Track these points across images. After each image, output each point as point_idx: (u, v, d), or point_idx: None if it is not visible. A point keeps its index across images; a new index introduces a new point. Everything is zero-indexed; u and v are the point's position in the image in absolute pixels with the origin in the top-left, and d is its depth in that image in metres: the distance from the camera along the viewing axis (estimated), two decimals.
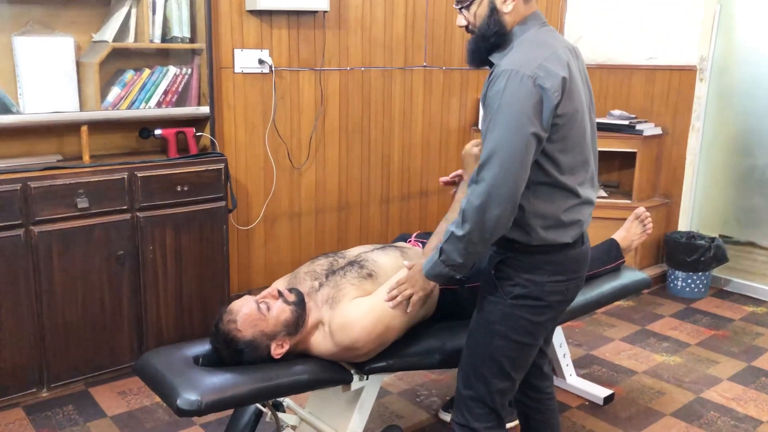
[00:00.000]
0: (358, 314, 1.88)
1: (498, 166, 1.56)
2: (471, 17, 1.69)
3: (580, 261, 1.78)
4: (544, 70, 1.57)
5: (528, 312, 1.73)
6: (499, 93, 1.56)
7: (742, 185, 4.00)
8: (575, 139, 1.67)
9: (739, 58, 3.92)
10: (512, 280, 1.72)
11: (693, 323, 3.57)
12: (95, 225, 2.64)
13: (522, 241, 1.69)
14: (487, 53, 1.70)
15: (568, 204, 1.70)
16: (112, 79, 2.85)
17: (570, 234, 1.72)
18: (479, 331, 1.79)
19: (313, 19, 3.43)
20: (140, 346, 2.83)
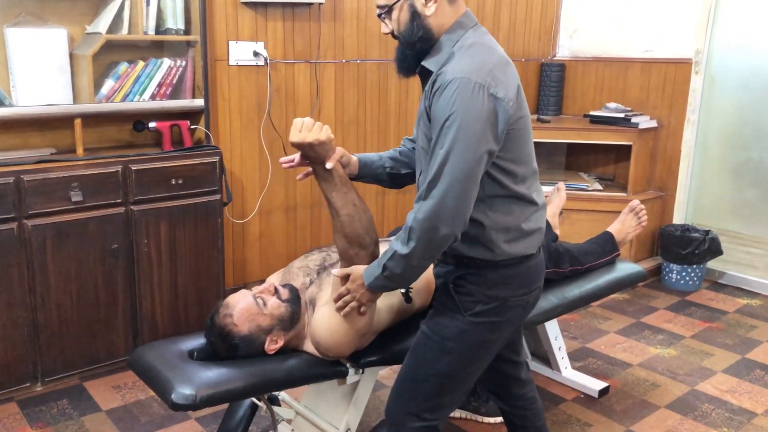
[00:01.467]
0: (322, 325, 1.82)
1: (447, 184, 1.47)
2: (394, 24, 1.59)
3: (539, 271, 1.72)
4: (495, 79, 1.49)
5: (486, 329, 1.65)
6: (449, 104, 1.46)
7: (737, 178, 4.00)
8: (527, 149, 1.62)
9: (734, 51, 3.92)
10: (473, 296, 1.63)
11: (687, 316, 3.58)
12: (89, 218, 2.62)
13: (485, 258, 1.61)
14: (415, 60, 1.59)
15: (527, 213, 1.64)
16: (106, 71, 2.83)
17: (534, 244, 1.67)
18: (428, 344, 1.68)
19: (308, 11, 3.41)
20: (135, 340, 2.82)
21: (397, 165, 1.92)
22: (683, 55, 4.05)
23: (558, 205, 2.89)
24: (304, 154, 1.73)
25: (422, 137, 1.62)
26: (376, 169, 1.90)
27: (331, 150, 1.72)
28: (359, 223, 1.75)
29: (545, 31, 4.57)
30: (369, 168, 1.89)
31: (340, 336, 1.82)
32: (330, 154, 1.72)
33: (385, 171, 1.91)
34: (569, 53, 4.59)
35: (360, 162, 1.88)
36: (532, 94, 4.60)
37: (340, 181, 1.75)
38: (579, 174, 4.46)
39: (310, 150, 1.69)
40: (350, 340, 1.84)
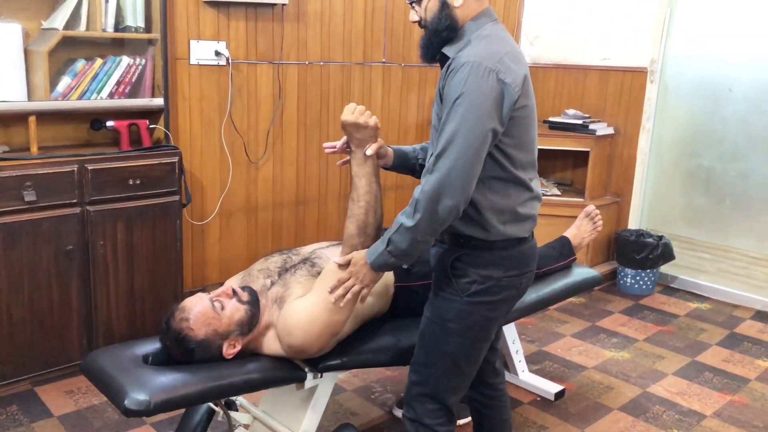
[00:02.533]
0: (299, 316, 1.84)
1: (454, 158, 1.57)
2: (422, 12, 1.70)
3: (532, 255, 1.82)
4: (505, 66, 1.60)
5: (484, 308, 1.75)
6: (460, 84, 1.57)
7: (689, 185, 4.12)
8: (529, 136, 1.72)
9: (687, 61, 4.04)
10: (468, 276, 1.73)
11: (641, 319, 3.67)
12: (43, 219, 2.56)
13: (480, 237, 1.71)
14: (439, 48, 1.71)
15: (523, 198, 1.74)
16: (63, 68, 2.77)
17: (526, 228, 1.77)
18: (433, 329, 1.80)
19: (271, 12, 3.39)
20: (89, 344, 2.77)
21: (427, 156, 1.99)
22: (639, 63, 4.15)
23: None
24: (350, 137, 1.86)
25: (435, 117, 1.73)
26: (409, 160, 2.01)
27: (374, 139, 1.86)
28: (372, 214, 1.86)
29: None
30: (403, 159, 2.00)
31: (316, 329, 1.83)
32: (372, 142, 1.85)
33: (418, 162, 2.01)
34: (530, 59, 4.66)
35: (395, 153, 1.99)
36: None
37: (372, 170, 1.87)
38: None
39: (356, 132, 1.83)
40: (323, 336, 1.85)
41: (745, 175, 3.89)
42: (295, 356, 1.92)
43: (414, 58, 4.08)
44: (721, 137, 3.95)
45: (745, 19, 3.79)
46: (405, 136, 4.17)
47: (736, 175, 3.92)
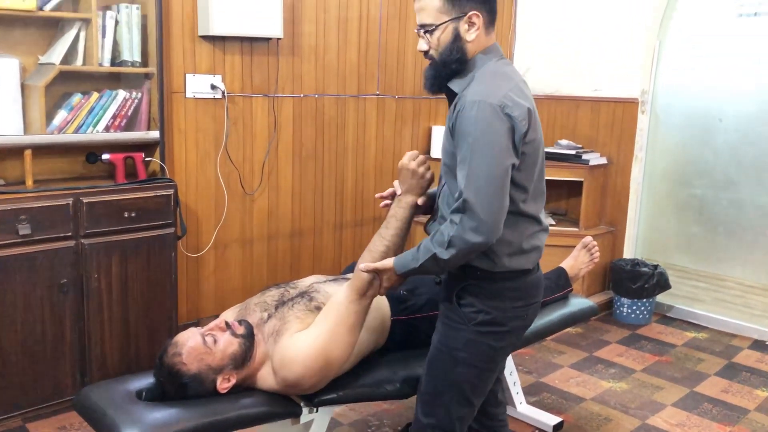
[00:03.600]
0: (298, 350, 1.84)
1: (482, 198, 1.59)
2: (434, 42, 1.71)
3: (538, 286, 1.84)
4: (510, 100, 1.63)
5: (491, 338, 1.76)
6: (472, 122, 1.60)
7: (682, 214, 4.14)
8: (537, 168, 1.74)
9: (677, 91, 4.09)
10: (475, 306, 1.75)
11: (638, 349, 3.66)
12: (37, 252, 2.55)
13: (486, 269, 1.73)
14: (446, 79, 1.73)
15: (530, 231, 1.76)
16: (59, 102, 2.79)
17: (531, 260, 1.78)
18: (441, 358, 1.80)
19: (266, 46, 3.43)
20: (83, 379, 2.73)
21: None
22: (630, 94, 4.20)
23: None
24: (402, 180, 1.90)
25: (444, 152, 1.76)
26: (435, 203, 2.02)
27: (424, 190, 1.91)
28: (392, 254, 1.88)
29: None
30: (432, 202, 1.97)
31: (317, 364, 1.83)
32: (421, 192, 1.90)
33: None
34: None
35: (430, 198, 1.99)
36: None
37: (409, 217, 1.91)
38: None
39: (411, 178, 1.88)
40: (322, 371, 1.85)
41: (737, 204, 3.91)
42: (288, 391, 1.89)
43: (408, 90, 4.12)
44: (712, 167, 3.99)
45: (732, 51, 3.85)
46: None
47: (729, 204, 3.94)
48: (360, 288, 1.87)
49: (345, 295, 1.89)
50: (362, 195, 4.02)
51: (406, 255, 1.77)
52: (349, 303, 1.87)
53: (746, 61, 3.80)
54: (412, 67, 4.11)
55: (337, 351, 1.86)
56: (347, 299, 1.88)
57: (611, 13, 4.24)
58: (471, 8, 1.68)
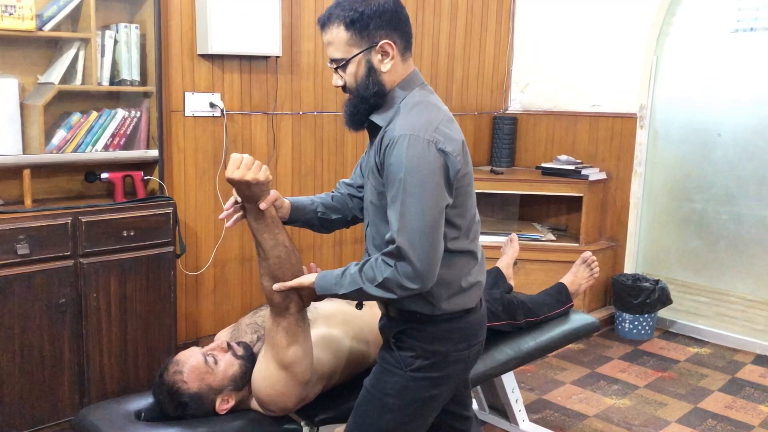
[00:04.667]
0: (258, 379, 1.79)
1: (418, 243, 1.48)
2: (349, 78, 1.59)
3: (481, 325, 1.73)
4: (443, 134, 1.52)
5: (427, 384, 1.65)
6: (401, 160, 1.48)
7: (682, 229, 4.14)
8: (470, 201, 1.64)
9: (675, 106, 4.10)
10: (414, 351, 1.63)
11: (641, 365, 3.63)
12: (36, 272, 2.54)
13: (425, 312, 1.62)
14: (366, 114, 1.62)
15: (468, 267, 1.65)
16: (58, 121, 2.79)
17: (473, 298, 1.68)
18: (370, 402, 1.68)
19: (265, 64, 3.45)
20: (81, 399, 2.70)
21: (328, 211, 1.86)
22: (628, 109, 4.22)
23: (512, 256, 2.93)
24: (239, 193, 1.66)
25: (371, 191, 1.63)
26: (307, 214, 1.84)
27: (267, 191, 1.67)
28: (288, 266, 1.71)
29: (497, 85, 4.71)
30: (301, 212, 1.82)
31: (280, 386, 1.76)
32: (265, 195, 1.66)
33: (317, 216, 1.86)
34: (521, 107, 4.73)
35: (292, 206, 1.80)
36: (485, 146, 4.71)
37: (272, 222, 1.69)
38: (532, 224, 4.54)
39: (246, 188, 1.62)
40: (291, 390, 1.78)
41: (737, 219, 3.90)
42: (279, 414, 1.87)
43: None
44: (711, 181, 3.99)
45: (730, 65, 3.87)
46: None
47: (729, 219, 3.94)
48: (278, 312, 1.73)
49: (269, 321, 1.76)
50: None
51: (329, 277, 1.62)
52: (276, 327, 1.74)
53: (744, 76, 3.82)
54: None
55: (293, 368, 1.76)
56: (273, 324, 1.75)
57: (609, 28, 4.27)
58: (381, 37, 1.55)
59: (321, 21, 1.59)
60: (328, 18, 1.57)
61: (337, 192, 1.91)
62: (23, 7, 2.52)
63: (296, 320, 1.75)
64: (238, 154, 1.62)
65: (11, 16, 2.50)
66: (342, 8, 1.55)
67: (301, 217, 1.82)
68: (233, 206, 1.72)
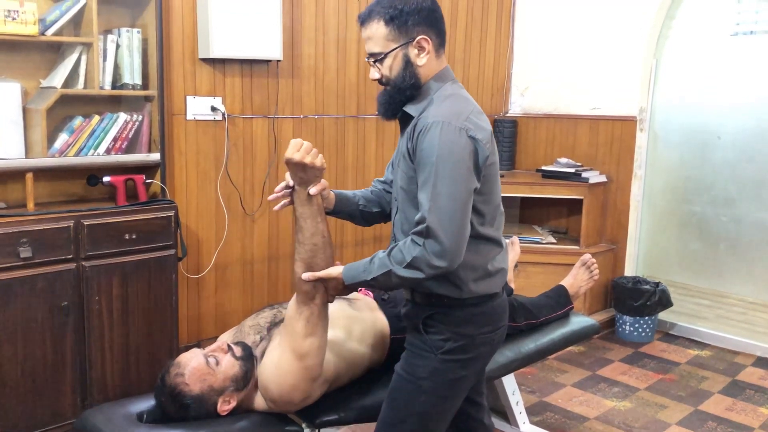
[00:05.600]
0: (270, 370, 1.83)
1: (447, 223, 1.56)
2: (385, 70, 1.69)
3: (504, 310, 1.81)
4: (473, 123, 1.62)
5: (457, 366, 1.72)
6: (434, 145, 1.57)
7: (682, 231, 4.14)
8: (495, 189, 1.72)
9: (675, 109, 4.11)
10: (443, 334, 1.71)
11: (641, 367, 3.64)
12: (38, 275, 2.55)
13: (452, 296, 1.69)
14: (401, 105, 1.70)
15: (493, 253, 1.73)
16: (60, 125, 2.80)
17: (497, 283, 1.75)
18: (404, 387, 1.76)
19: (266, 68, 3.46)
20: (83, 402, 2.71)
21: (369, 204, 1.96)
22: (628, 112, 4.23)
23: (512, 259, 2.94)
24: (293, 175, 1.74)
25: (402, 177, 1.71)
26: (350, 206, 1.93)
27: (319, 178, 1.75)
28: (321, 256, 1.77)
29: (497, 88, 4.73)
30: (345, 204, 1.92)
31: (289, 380, 1.80)
32: (317, 182, 1.75)
33: (359, 208, 1.95)
34: (521, 110, 4.75)
35: (337, 197, 1.90)
36: None
37: (317, 210, 1.77)
38: (533, 227, 4.55)
39: (301, 171, 1.72)
40: (300, 383, 1.81)
41: (737, 221, 3.91)
42: (282, 410, 1.88)
43: None
44: (711, 184, 4.00)
45: (730, 68, 3.88)
46: None
47: (729, 221, 3.94)
48: (303, 299, 1.79)
49: (292, 310, 1.82)
50: None
51: (357, 266, 1.70)
52: (298, 314, 1.80)
53: (744, 79, 3.83)
54: None
55: (306, 361, 1.81)
56: (296, 313, 1.81)
57: (609, 31, 4.28)
58: (419, 33, 1.66)
59: (361, 17, 1.69)
60: (368, 14, 1.67)
61: (374, 188, 2.01)
62: (26, 12, 2.54)
63: (319, 312, 1.80)
64: (299, 138, 1.72)
65: (14, 20, 2.52)
66: (382, 5, 1.65)
67: (344, 209, 1.92)
68: (283, 190, 1.80)
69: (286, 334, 1.83)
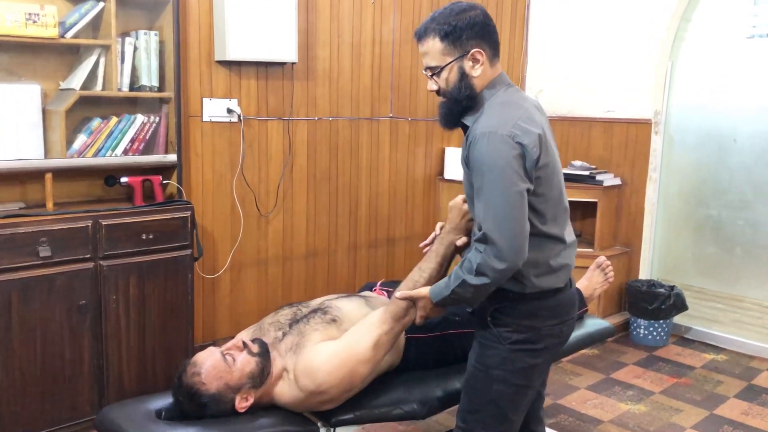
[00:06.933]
0: (323, 358, 1.88)
1: (502, 226, 1.63)
2: (442, 83, 1.77)
3: (571, 303, 1.87)
4: (520, 129, 1.67)
5: (527, 355, 1.80)
6: (483, 155, 1.65)
7: (698, 235, 4.12)
8: (555, 188, 1.77)
9: (690, 112, 4.09)
10: (509, 327, 1.79)
11: (656, 371, 3.62)
12: (57, 274, 2.58)
13: (516, 291, 1.76)
14: (460, 115, 1.79)
15: (556, 250, 1.79)
16: (79, 126, 2.84)
17: (561, 278, 1.81)
18: (477, 376, 1.84)
19: (281, 70, 3.49)
20: (101, 400, 2.74)
21: None
22: (643, 115, 4.21)
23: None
24: (451, 219, 1.94)
25: (466, 184, 1.80)
26: None
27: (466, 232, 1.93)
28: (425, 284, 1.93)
29: None
30: None
31: (340, 373, 1.86)
32: (464, 234, 1.93)
33: None
34: None
35: None
36: None
37: (449, 255, 1.95)
38: None
39: (459, 218, 1.91)
40: (343, 382, 1.87)
41: (753, 225, 3.88)
42: (308, 403, 1.89)
43: (420, 113, 4.16)
44: (727, 187, 3.97)
45: (746, 71, 3.86)
46: (413, 189, 4.22)
47: (745, 224, 3.92)
48: (396, 313, 1.92)
49: (380, 317, 1.94)
50: (376, 216, 4.04)
51: (439, 283, 1.82)
52: (382, 323, 1.92)
53: (759, 82, 3.81)
54: (424, 90, 4.15)
55: (361, 366, 1.90)
56: (381, 320, 1.93)
57: (623, 34, 4.27)
58: (473, 46, 1.73)
59: (418, 34, 1.78)
60: (424, 31, 1.76)
61: None
62: (46, 15, 2.58)
63: (397, 333, 1.95)
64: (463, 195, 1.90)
65: (35, 23, 2.56)
66: (437, 22, 1.74)
67: None
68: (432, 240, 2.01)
69: (355, 333, 1.93)
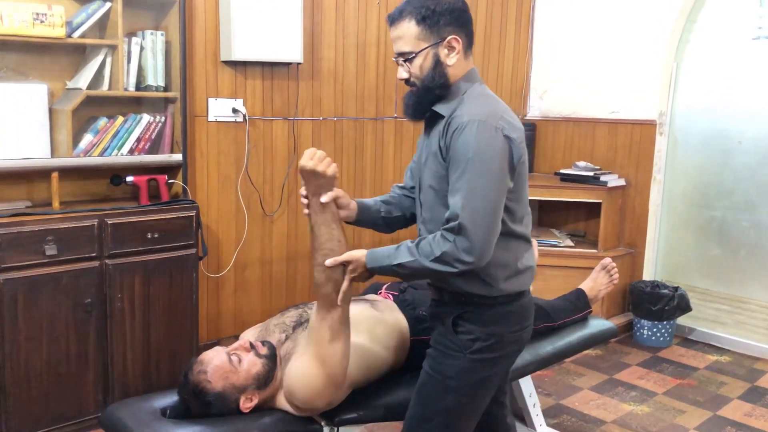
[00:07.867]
0: (297, 376, 1.84)
1: (479, 220, 1.57)
2: (415, 70, 1.69)
3: (531, 308, 1.82)
4: (506, 123, 1.63)
5: (486, 365, 1.74)
6: (470, 143, 1.58)
7: (702, 236, 4.12)
8: (525, 188, 1.74)
9: (695, 113, 4.09)
10: (473, 334, 1.71)
11: (659, 372, 3.62)
12: (63, 272, 2.60)
13: (483, 294, 1.70)
14: (429, 105, 1.71)
15: (521, 250, 1.74)
16: (85, 126, 2.86)
17: (526, 281, 1.77)
18: (432, 384, 1.76)
19: (287, 71, 3.50)
20: (106, 398, 2.76)
21: (390, 210, 1.97)
22: (648, 116, 4.21)
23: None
24: (306, 184, 1.77)
25: (432, 176, 1.70)
26: (372, 214, 1.94)
27: (331, 187, 1.78)
28: None
29: (516, 91, 4.73)
30: (366, 212, 1.93)
31: (317, 386, 1.81)
32: (328, 190, 1.77)
33: (380, 215, 1.95)
34: (539, 113, 4.74)
35: (359, 206, 1.91)
36: None
37: (331, 218, 1.78)
38: (551, 230, 4.54)
39: (314, 179, 1.75)
40: (325, 390, 1.83)
41: (758, 226, 3.88)
42: (306, 414, 1.90)
43: None
44: (731, 188, 3.97)
45: (751, 72, 3.85)
46: None
47: (750, 226, 3.91)
48: (324, 305, 1.80)
49: (315, 317, 1.84)
50: None
51: (381, 251, 1.71)
52: (321, 321, 1.81)
53: (765, 83, 3.80)
54: None
55: (335, 368, 1.82)
56: (318, 319, 1.82)
57: (629, 35, 4.27)
58: (450, 33, 1.66)
59: (391, 17, 1.69)
60: (399, 14, 1.67)
61: (392, 193, 2.02)
62: (54, 15, 2.59)
63: (340, 318, 1.81)
64: (313, 148, 1.75)
65: (42, 23, 2.57)
66: (413, 5, 1.66)
67: (366, 217, 1.93)
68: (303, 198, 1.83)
69: (310, 341, 1.85)
